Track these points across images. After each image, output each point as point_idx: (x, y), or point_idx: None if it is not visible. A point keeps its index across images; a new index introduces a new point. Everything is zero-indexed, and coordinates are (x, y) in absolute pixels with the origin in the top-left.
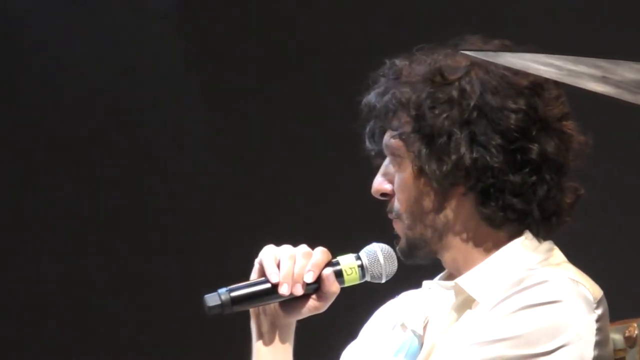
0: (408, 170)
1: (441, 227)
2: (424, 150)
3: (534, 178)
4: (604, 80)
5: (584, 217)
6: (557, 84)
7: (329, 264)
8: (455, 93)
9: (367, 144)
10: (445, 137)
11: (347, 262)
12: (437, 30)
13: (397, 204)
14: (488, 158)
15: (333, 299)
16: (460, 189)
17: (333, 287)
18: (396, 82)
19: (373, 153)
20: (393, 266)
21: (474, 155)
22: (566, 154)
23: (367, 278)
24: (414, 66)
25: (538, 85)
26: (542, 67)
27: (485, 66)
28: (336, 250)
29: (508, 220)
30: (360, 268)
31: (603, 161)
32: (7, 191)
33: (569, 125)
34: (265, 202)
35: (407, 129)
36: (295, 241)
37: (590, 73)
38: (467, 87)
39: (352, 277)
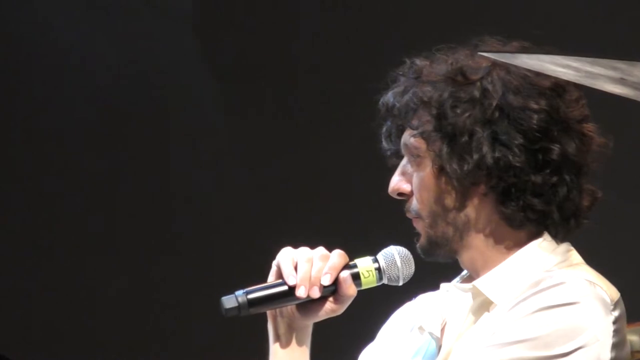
0: (428, 170)
1: (462, 226)
2: (445, 149)
3: (554, 179)
4: (622, 81)
5: (601, 219)
6: (577, 86)
7: (346, 266)
8: (477, 93)
9: (384, 143)
10: (467, 136)
11: (365, 264)
12: (455, 31)
13: (416, 203)
14: (510, 157)
15: (350, 301)
16: (481, 189)
17: (350, 290)
18: (417, 81)
19: (389, 153)
20: (410, 269)
21: (496, 154)
22: (586, 156)
23: (385, 281)
24: (434, 66)
25: (560, 87)
26: (559, 69)
27: (506, 67)
28: (354, 253)
29: (528, 220)
30: (377, 271)
31: (623, 163)
32: (15, 190)
33: (590, 127)
34: (283, 204)
35: (429, 127)
36: (313, 244)
37: (608, 75)
38: (489, 87)
39: (369, 280)
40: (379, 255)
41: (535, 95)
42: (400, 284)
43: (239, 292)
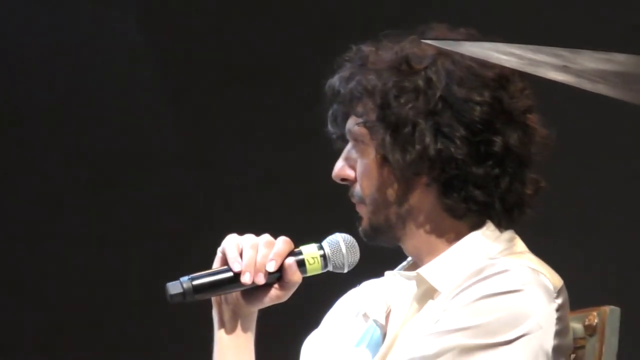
0: (371, 158)
1: (404, 215)
2: (388, 139)
3: (496, 170)
4: (565, 69)
5: (545, 207)
6: (522, 76)
7: (292, 253)
8: (421, 83)
9: (330, 127)
10: (410, 127)
11: (310, 251)
12: (405, 17)
13: (359, 189)
14: (452, 149)
15: (295, 288)
16: (423, 179)
17: (295, 277)
18: (362, 68)
19: (334, 136)
20: (355, 256)
21: (438, 146)
22: (529, 147)
23: (330, 268)
24: (380, 53)
25: (504, 78)
26: (502, 57)
27: (451, 56)
28: (299, 240)
29: (470, 211)
30: (322, 258)
31: (564, 152)
32: None
33: (533, 119)
34: (227, 191)
35: (372, 116)
36: (258, 230)
37: (551, 62)
38: (433, 77)
39: (314, 267)
40: (324, 243)
41: (479, 86)
42: (345, 271)
43: (184, 278)
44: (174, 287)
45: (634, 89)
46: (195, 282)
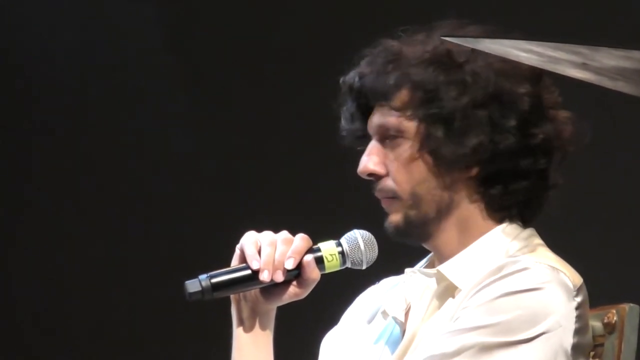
0: (414, 151)
1: (443, 210)
2: (440, 133)
3: (542, 162)
4: (584, 66)
5: (564, 205)
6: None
7: (310, 250)
8: (468, 75)
9: (344, 124)
10: (462, 120)
11: (328, 248)
12: (413, 14)
13: (392, 184)
14: (505, 141)
15: (314, 285)
16: (470, 172)
17: (314, 274)
18: (398, 62)
19: (349, 133)
20: (374, 252)
21: (493, 137)
22: (560, 143)
23: (348, 264)
24: (412, 48)
25: (537, 72)
26: (522, 54)
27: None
28: (317, 237)
29: (508, 204)
30: (340, 255)
31: (586, 152)
32: None
33: (564, 114)
34: (246, 188)
35: (418, 109)
36: (276, 228)
37: (570, 59)
38: (479, 70)
39: (332, 264)
40: (342, 239)
41: (520, 79)
42: (364, 267)
43: (203, 276)
44: (193, 285)
45: None
46: (214, 280)
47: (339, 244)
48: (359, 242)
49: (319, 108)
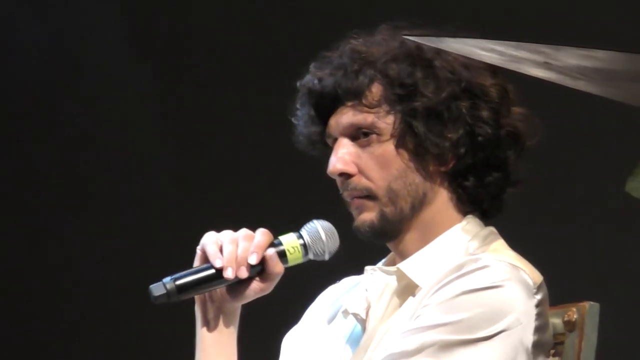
0: (389, 147)
1: (418, 204)
2: (417, 127)
3: (511, 152)
4: (546, 66)
5: (524, 203)
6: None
7: (271, 244)
8: (441, 70)
9: (304, 127)
10: (440, 114)
11: (289, 241)
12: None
13: (366, 182)
14: (480, 133)
15: (278, 279)
16: (444, 165)
17: (277, 268)
18: (367, 59)
19: (301, 137)
20: (335, 242)
21: (467, 130)
22: (522, 136)
23: (310, 256)
24: (376, 46)
25: (492, 66)
26: (484, 53)
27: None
28: (277, 232)
29: (482, 198)
30: (302, 247)
31: (546, 149)
32: None
33: (518, 109)
34: (203, 189)
35: (394, 104)
36: (235, 227)
37: (532, 59)
38: (449, 65)
39: (295, 256)
40: (303, 231)
41: (484, 71)
42: (327, 258)
43: (167, 279)
44: (157, 289)
45: (614, 86)
46: (178, 282)
47: (300, 236)
48: (320, 232)
49: (282, 106)
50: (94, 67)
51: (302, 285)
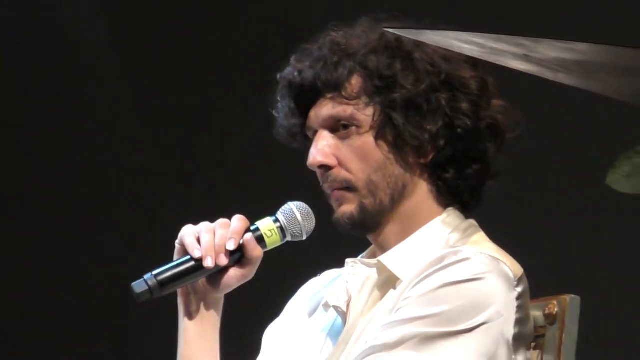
0: (368, 140)
1: (397, 196)
2: (397, 118)
3: (490, 146)
4: (526, 58)
5: (505, 195)
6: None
7: (248, 230)
8: (421, 62)
9: (284, 120)
10: (420, 105)
11: (266, 225)
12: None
13: (346, 174)
14: (459, 125)
15: (258, 264)
16: (424, 157)
17: (256, 252)
18: (347, 51)
19: (281, 130)
20: (311, 222)
21: (447, 122)
22: (501, 128)
23: (288, 238)
24: (355, 39)
25: (472, 57)
26: (464, 45)
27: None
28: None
29: (462, 190)
30: (279, 229)
31: (524, 139)
32: None
33: (498, 102)
34: (178, 182)
35: (373, 96)
36: (213, 219)
37: (512, 51)
38: (429, 57)
39: (273, 239)
40: (279, 214)
41: (463, 64)
42: (304, 238)
43: (148, 276)
44: (139, 286)
45: (594, 78)
46: (160, 277)
47: (276, 220)
48: (295, 213)
49: (262, 97)
50: (69, 62)
51: (283, 278)
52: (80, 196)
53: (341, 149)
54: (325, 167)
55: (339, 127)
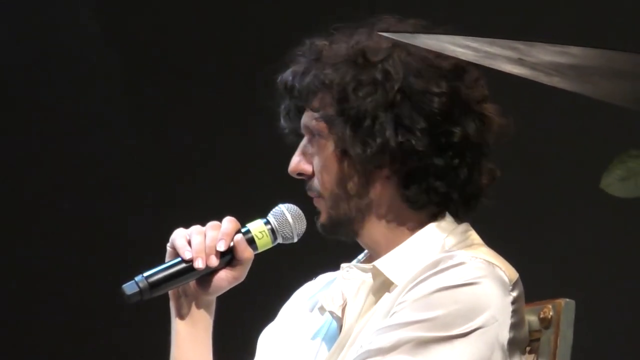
0: (330, 152)
1: (364, 209)
2: (348, 133)
3: (456, 161)
4: (520, 62)
5: (500, 198)
6: (476, 66)
7: (239, 232)
8: (379, 75)
9: (282, 121)
10: (370, 121)
11: (257, 226)
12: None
13: (317, 184)
14: (413, 142)
15: (249, 265)
16: (384, 172)
17: (246, 253)
18: (317, 62)
19: (287, 131)
20: (302, 224)
21: (399, 139)
22: (486, 136)
23: (279, 240)
24: (334, 47)
25: (460, 68)
26: (458, 49)
27: (407, 47)
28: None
29: (430, 202)
30: (270, 231)
31: (519, 142)
32: None
33: (489, 108)
34: (171, 183)
35: (330, 110)
36: (204, 223)
37: (506, 55)
38: (391, 70)
39: (264, 241)
40: (270, 216)
41: (436, 77)
42: (295, 240)
43: (138, 277)
44: (130, 288)
45: (588, 82)
46: (151, 279)
47: (267, 222)
48: (286, 216)
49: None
50: (67, 62)
51: (277, 282)
52: (76, 196)
53: (314, 158)
54: (305, 175)
55: (313, 136)
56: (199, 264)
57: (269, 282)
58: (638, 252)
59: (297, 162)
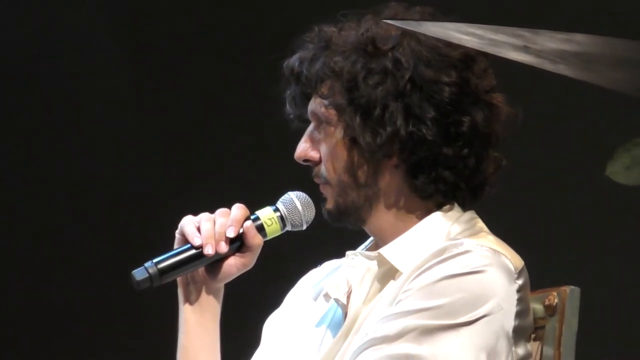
0: (338, 140)
1: (372, 197)
2: (358, 122)
3: (465, 150)
4: (525, 49)
5: (505, 187)
6: (485, 55)
7: (248, 219)
8: (389, 64)
9: (288, 107)
10: (380, 109)
11: (266, 214)
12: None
13: (324, 171)
14: (423, 131)
15: (258, 252)
16: (393, 161)
17: (256, 239)
18: (326, 49)
19: (292, 117)
20: (311, 212)
21: (409, 128)
22: (494, 126)
23: (288, 227)
24: (343, 34)
25: (469, 57)
26: (464, 37)
27: (416, 36)
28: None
29: (438, 191)
30: (280, 218)
31: (523, 131)
32: None
33: (498, 97)
34: (179, 172)
35: (339, 98)
36: (213, 210)
37: (512, 42)
38: (401, 59)
39: (273, 228)
40: (279, 203)
41: (446, 67)
42: (304, 227)
43: (148, 263)
44: (140, 274)
45: (593, 70)
46: (160, 265)
47: (277, 209)
48: (295, 203)
49: (264, 87)
50: (71, 60)
51: (283, 269)
52: (80, 192)
53: (321, 145)
54: (311, 162)
55: (320, 123)
56: (208, 250)
57: (274, 269)
58: None
59: (304, 149)
